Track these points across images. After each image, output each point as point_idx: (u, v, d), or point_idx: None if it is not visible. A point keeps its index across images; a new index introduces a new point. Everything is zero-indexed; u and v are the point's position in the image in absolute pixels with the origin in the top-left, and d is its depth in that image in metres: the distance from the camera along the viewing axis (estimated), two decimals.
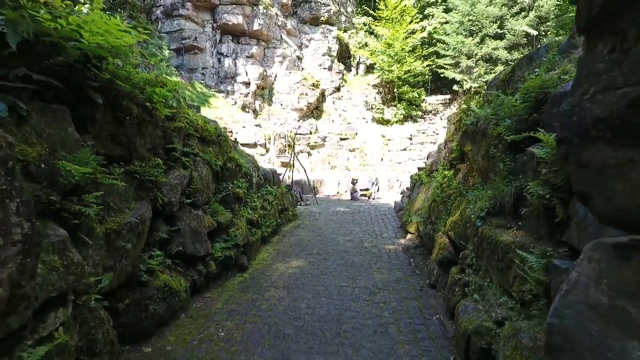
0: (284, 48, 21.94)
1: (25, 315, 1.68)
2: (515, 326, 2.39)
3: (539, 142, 2.63)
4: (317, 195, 13.59)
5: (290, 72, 21.80)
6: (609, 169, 1.19)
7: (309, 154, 18.72)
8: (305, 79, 21.65)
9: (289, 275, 5.12)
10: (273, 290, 4.54)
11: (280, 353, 3.14)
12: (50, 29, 2.42)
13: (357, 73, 24.25)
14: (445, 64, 19.74)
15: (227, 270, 4.92)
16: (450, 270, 4.10)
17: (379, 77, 21.84)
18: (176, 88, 4.21)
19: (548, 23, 17.85)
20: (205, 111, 15.31)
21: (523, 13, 18.17)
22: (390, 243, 6.79)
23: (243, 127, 17.72)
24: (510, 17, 18.19)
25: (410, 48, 20.74)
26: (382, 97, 21.84)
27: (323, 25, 23.12)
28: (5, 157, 1.43)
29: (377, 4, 21.99)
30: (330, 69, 22.99)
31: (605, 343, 1.24)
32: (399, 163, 17.79)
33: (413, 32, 20.69)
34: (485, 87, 7.72)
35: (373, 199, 13.42)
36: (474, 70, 18.66)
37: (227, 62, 20.70)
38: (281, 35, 21.96)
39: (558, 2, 17.69)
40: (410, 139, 18.58)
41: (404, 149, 18.31)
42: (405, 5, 20.61)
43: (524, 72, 3.89)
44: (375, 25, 21.65)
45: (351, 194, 13.28)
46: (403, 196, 9.78)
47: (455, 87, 19.93)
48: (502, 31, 18.31)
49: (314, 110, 21.65)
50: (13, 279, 1.47)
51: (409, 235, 6.84)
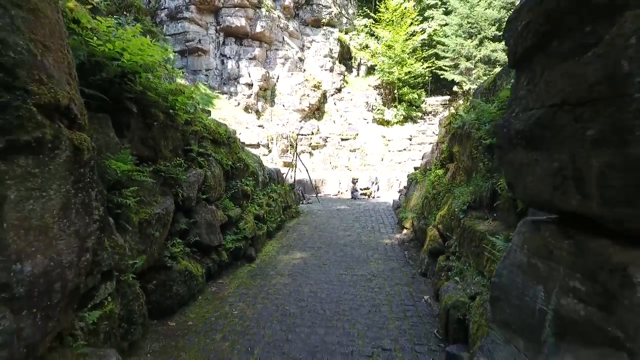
0: (286, 50, 22.49)
1: (97, 278, 2.21)
2: (484, 298, 2.91)
3: None
4: (319, 195, 14.12)
5: (292, 74, 22.33)
6: (523, 167, 1.71)
7: (311, 154, 19.24)
8: (307, 80, 22.18)
9: (293, 265, 5.65)
10: (279, 278, 5.07)
11: (286, 326, 3.66)
12: (99, 52, 2.95)
13: (358, 74, 24.77)
14: (445, 66, 20.24)
15: (237, 260, 5.45)
16: (438, 258, 4.62)
17: (379, 78, 22.35)
18: (192, 95, 4.75)
19: None
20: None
21: None
22: (387, 238, 7.31)
23: (246, 127, 18.26)
24: None
25: (411, 50, 21.25)
26: (382, 98, 22.35)
27: (324, 27, 23.66)
28: (90, 157, 1.95)
29: (377, 7, 22.50)
30: (331, 70, 23.52)
31: (525, 290, 1.76)
32: (399, 163, 18.29)
33: (413, 34, 21.20)
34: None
35: (373, 197, 13.95)
36: (473, 72, 19.15)
37: (230, 63, 21.25)
38: (283, 37, 22.51)
39: None
40: (410, 139, 19.09)
41: (404, 149, 18.82)
42: (405, 8, 21.11)
43: (502, 82, 4.41)
44: (376, 28, 22.17)
45: (352, 193, 13.81)
46: (400, 194, 10.29)
47: (455, 89, 20.43)
48: (500, 33, 18.78)
49: (316, 111, 22.18)
50: (94, 249, 2.00)
51: (404, 231, 7.36)
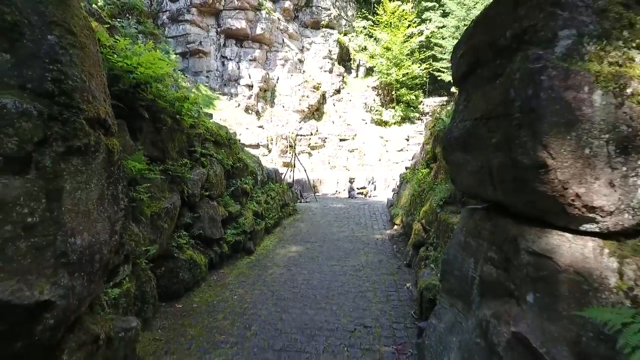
0: (286, 51, 22.99)
1: (120, 257, 2.70)
2: None
3: None
4: (317, 194, 14.61)
5: (292, 75, 22.83)
6: (460, 165, 2.19)
7: (310, 154, 19.73)
8: (306, 81, 22.67)
9: (288, 257, 6.14)
10: (275, 268, 5.56)
11: (280, 308, 4.15)
12: (118, 67, 3.44)
13: (357, 75, 25.26)
14: (442, 67, 20.70)
15: (237, 253, 5.94)
16: (419, 250, 5.10)
17: (378, 79, 22.83)
18: (196, 101, 5.25)
19: None
20: (210, 113, 16.38)
21: None
22: (379, 233, 7.80)
23: (246, 128, 18.76)
24: None
25: (409, 52, 21.72)
26: (381, 99, 22.82)
27: (324, 29, 24.16)
28: (118, 158, 2.44)
29: (376, 9, 22.99)
30: (330, 71, 24.01)
31: (462, 263, 2.24)
32: (396, 163, 18.76)
33: (411, 36, 21.67)
34: None
35: (369, 196, 14.43)
36: None
37: (231, 65, 21.76)
38: (283, 39, 23.01)
39: None
40: (408, 139, 19.56)
41: (402, 150, 19.29)
42: (403, 10, 21.59)
43: None
44: (374, 30, 22.65)
45: (349, 192, 14.30)
46: (394, 193, 10.77)
47: (452, 90, 20.89)
48: None
49: (315, 112, 22.67)
50: (120, 232, 2.49)
51: (395, 226, 7.84)
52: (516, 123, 1.62)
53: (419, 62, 21.93)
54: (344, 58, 25.13)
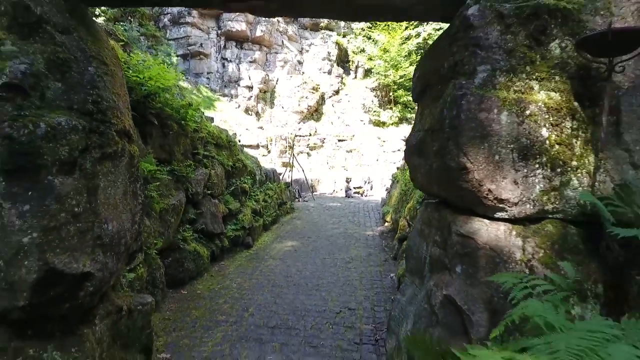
0: (285, 53, 23.51)
1: (139, 244, 3.23)
2: None
3: None
4: (315, 193, 15.14)
5: (291, 76, 23.36)
6: (417, 167, 2.72)
7: (309, 154, 20.26)
8: (305, 82, 23.19)
9: (284, 251, 6.67)
10: (271, 261, 6.09)
11: (275, 294, 4.68)
12: (132, 80, 3.97)
13: (355, 77, 25.75)
14: None
15: (236, 247, 6.47)
16: (403, 243, 5.63)
17: (376, 80, 23.33)
18: (199, 107, 5.78)
19: None
20: (210, 114, 16.90)
21: None
22: (370, 230, 8.33)
23: (246, 129, 19.29)
24: None
25: (406, 53, 22.21)
26: (379, 100, 23.33)
27: (323, 31, 24.67)
28: (137, 161, 2.97)
29: None
30: (329, 73, 24.52)
31: (419, 247, 2.77)
32: (393, 163, 19.24)
33: (408, 37, 22.16)
34: None
35: (365, 196, 14.95)
36: None
37: (231, 67, 22.29)
38: (282, 41, 23.55)
39: None
40: (405, 140, 20.07)
41: (398, 150, 19.77)
42: None
43: None
44: (372, 31, 23.15)
45: (345, 191, 14.83)
46: (387, 192, 11.29)
47: None
48: None
49: (314, 113, 23.19)
50: (139, 223, 3.02)
51: (385, 224, 8.37)
52: (446, 136, 2.15)
53: (416, 64, 22.37)
54: (342, 59, 25.64)
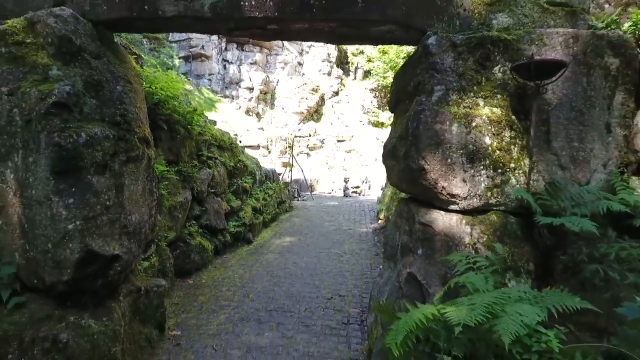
0: (286, 55, 24.03)
1: (153, 235, 3.74)
2: None
3: None
4: (313, 193, 15.65)
5: (291, 78, 23.87)
6: (391, 168, 3.22)
7: (308, 155, 20.78)
8: (305, 84, 23.68)
9: (283, 246, 7.19)
10: (270, 254, 6.61)
11: (273, 283, 5.20)
12: (145, 91, 4.49)
13: (355, 78, 26.24)
14: None
15: (238, 242, 6.99)
16: None
17: (375, 82, 23.82)
18: (203, 112, 6.29)
19: None
20: (211, 115, 17.42)
21: None
22: (364, 227, 8.83)
23: (247, 130, 19.80)
24: None
25: (405, 55, 22.67)
26: (378, 101, 23.82)
27: None
28: (153, 162, 3.48)
29: None
30: (329, 74, 25.02)
31: (394, 236, 3.27)
32: None
33: None
34: None
35: (363, 195, 15.45)
36: None
37: (232, 68, 22.82)
38: (283, 43, 24.03)
39: None
40: None
41: None
42: None
43: None
44: None
45: (344, 191, 15.34)
46: (382, 191, 11.78)
47: None
48: None
49: (314, 114, 23.70)
50: (155, 215, 3.53)
51: (379, 221, 8.87)
52: (410, 143, 2.65)
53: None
54: (342, 61, 26.13)
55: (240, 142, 17.67)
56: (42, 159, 2.49)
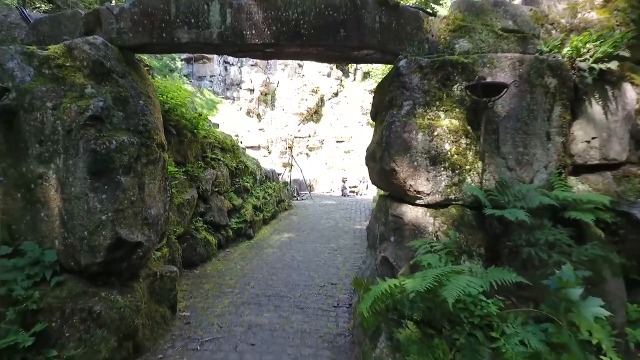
0: None
1: (166, 227, 4.32)
2: None
3: None
4: (312, 192, 16.21)
5: (291, 79, 24.44)
6: (371, 169, 3.78)
7: (308, 155, 21.34)
8: (305, 85, 24.26)
9: (281, 242, 7.75)
10: (270, 249, 7.18)
11: (271, 273, 5.76)
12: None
13: (354, 79, 26.80)
14: None
15: (239, 237, 7.56)
16: None
17: (375, 83, 24.36)
18: (207, 117, 6.87)
19: None
20: (213, 117, 18.00)
21: None
22: (359, 224, 9.39)
23: (248, 131, 20.39)
24: None
25: None
26: None
27: None
28: (167, 163, 4.05)
29: None
30: (329, 75, 25.58)
31: (374, 227, 3.84)
32: None
33: None
34: None
35: (360, 194, 16.01)
36: None
37: (233, 70, 23.42)
38: None
39: None
40: None
41: None
42: None
43: None
44: None
45: (342, 190, 15.89)
46: (377, 190, 12.36)
47: None
48: None
49: (314, 115, 24.27)
50: (168, 210, 4.10)
51: None
52: (384, 148, 3.21)
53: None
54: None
55: (241, 142, 18.26)
56: (80, 162, 3.06)
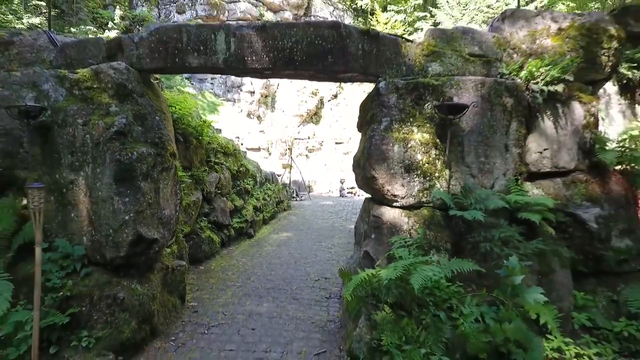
0: None
1: (176, 225, 4.89)
2: None
3: None
4: (311, 193, 16.78)
5: (291, 81, 24.99)
6: (357, 175, 4.34)
7: (307, 156, 21.91)
8: (305, 87, 24.78)
9: (280, 240, 8.32)
10: (269, 247, 7.75)
11: (271, 269, 6.34)
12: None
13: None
14: None
15: (241, 236, 8.13)
16: None
17: (373, 84, 24.90)
18: (211, 124, 7.44)
19: None
20: (214, 119, 18.56)
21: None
22: (353, 224, 9.93)
23: (248, 133, 20.96)
24: None
25: None
26: None
27: None
28: (177, 169, 4.61)
29: (370, 20, 25.10)
30: None
31: (360, 226, 4.41)
32: None
33: None
34: None
35: (358, 195, 16.56)
36: None
37: None
38: None
39: None
40: None
41: None
42: (395, 21, 23.68)
43: None
44: None
45: (339, 191, 16.46)
46: None
47: None
48: None
49: (313, 116, 24.81)
50: (178, 211, 4.67)
51: None
52: (365, 157, 3.78)
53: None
54: None
55: (242, 144, 18.83)
56: (107, 170, 3.63)
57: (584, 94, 3.88)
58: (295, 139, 20.80)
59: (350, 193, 16.76)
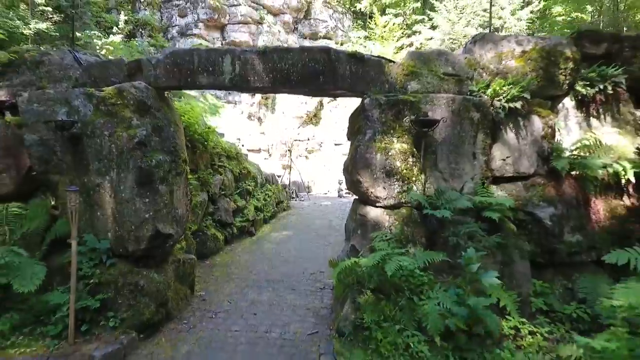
0: None
1: (186, 223, 5.53)
2: None
3: None
4: (310, 193, 17.41)
5: None
6: (346, 178, 4.99)
7: (307, 157, 22.54)
8: None
9: (280, 238, 8.97)
10: (269, 244, 8.39)
11: (270, 265, 6.98)
12: None
13: None
14: None
15: (243, 234, 8.78)
16: None
17: None
18: (215, 129, 8.09)
19: None
20: (215, 121, 19.20)
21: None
22: None
23: (249, 134, 21.61)
24: None
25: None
26: None
27: (322, 39, 26.92)
28: (187, 173, 5.26)
29: (368, 23, 25.74)
30: None
31: (349, 223, 5.04)
32: None
33: (402, 47, 24.35)
34: None
35: (354, 196, 17.19)
36: None
37: None
38: None
39: (528, 24, 21.18)
40: None
41: None
42: (394, 24, 24.31)
43: None
44: (368, 40, 25.39)
45: (338, 192, 17.08)
46: None
47: None
48: None
49: (313, 118, 25.46)
50: (188, 210, 5.30)
51: None
52: (352, 164, 4.41)
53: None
54: None
55: (243, 145, 19.47)
56: (130, 175, 4.28)
57: (542, 108, 4.52)
58: (295, 140, 21.44)
59: (348, 194, 17.38)
